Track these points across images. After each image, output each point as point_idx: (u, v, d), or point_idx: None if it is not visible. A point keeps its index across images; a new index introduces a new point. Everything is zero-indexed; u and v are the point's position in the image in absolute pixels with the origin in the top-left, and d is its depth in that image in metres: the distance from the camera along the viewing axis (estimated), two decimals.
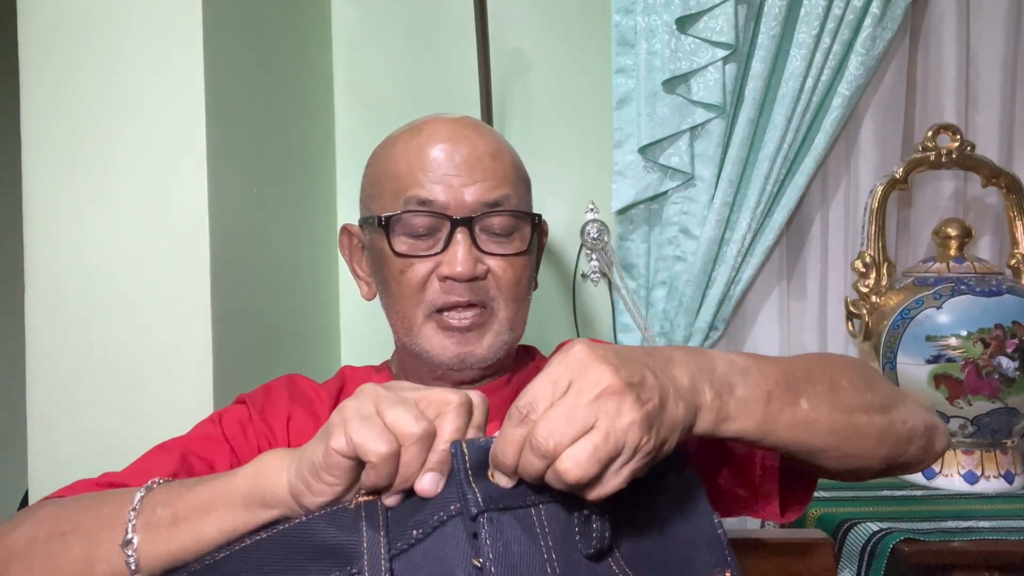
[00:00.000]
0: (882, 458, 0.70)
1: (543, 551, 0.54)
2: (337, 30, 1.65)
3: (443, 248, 0.83)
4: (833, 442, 0.66)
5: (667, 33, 1.47)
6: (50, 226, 1.11)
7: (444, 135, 0.85)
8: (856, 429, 0.67)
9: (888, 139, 1.59)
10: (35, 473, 1.13)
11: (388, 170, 0.87)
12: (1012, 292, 1.34)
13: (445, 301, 0.83)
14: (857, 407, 0.68)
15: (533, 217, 0.87)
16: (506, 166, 0.86)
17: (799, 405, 0.63)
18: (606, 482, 0.52)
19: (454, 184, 0.83)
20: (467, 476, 0.54)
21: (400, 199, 0.84)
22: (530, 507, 0.55)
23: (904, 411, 0.72)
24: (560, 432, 0.51)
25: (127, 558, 0.59)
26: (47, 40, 1.11)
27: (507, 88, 1.62)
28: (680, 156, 1.50)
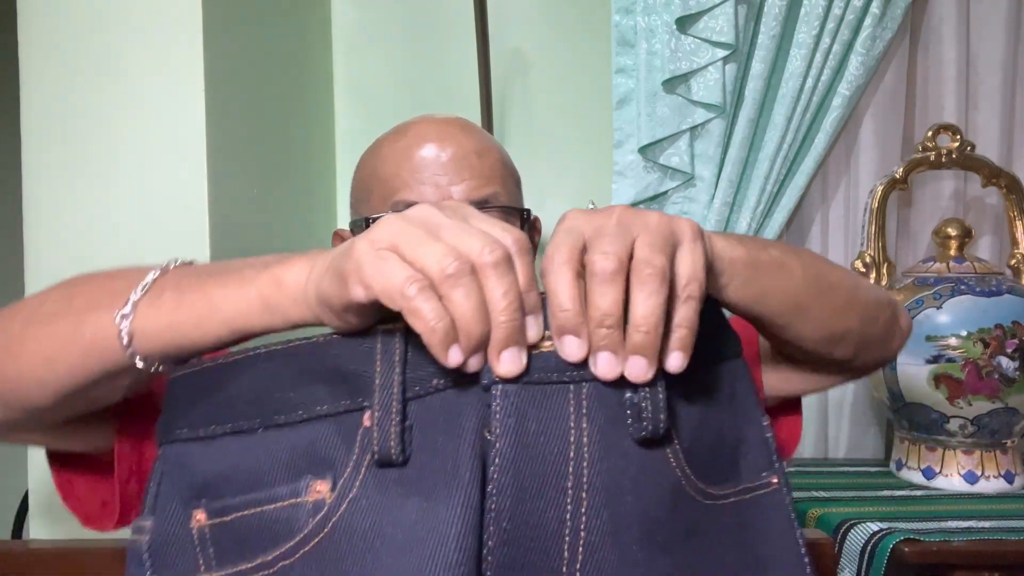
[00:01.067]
0: (858, 319, 0.68)
1: (572, 432, 0.46)
2: (337, 30, 1.65)
3: None
4: (810, 290, 0.63)
5: (667, 33, 1.47)
6: (50, 226, 1.11)
7: (429, 135, 0.85)
8: (828, 280, 0.65)
9: (888, 139, 1.59)
10: (35, 473, 1.13)
11: (375, 173, 0.86)
12: (1012, 292, 1.34)
13: None
14: (821, 266, 0.67)
15: (523, 212, 0.86)
16: (493, 163, 0.86)
17: (770, 252, 0.61)
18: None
19: (441, 184, 0.83)
20: None
21: (388, 202, 0.84)
22: (568, 384, 0.46)
23: (865, 283, 0.74)
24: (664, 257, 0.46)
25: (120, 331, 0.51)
26: (47, 40, 1.11)
27: (507, 88, 1.62)
28: (680, 156, 1.50)
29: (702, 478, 0.51)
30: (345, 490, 0.47)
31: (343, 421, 0.49)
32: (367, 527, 0.47)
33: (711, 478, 0.52)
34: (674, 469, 0.49)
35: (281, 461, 0.49)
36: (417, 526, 0.45)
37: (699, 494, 0.51)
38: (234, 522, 0.49)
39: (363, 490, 0.47)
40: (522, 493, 0.45)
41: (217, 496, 0.49)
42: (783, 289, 0.61)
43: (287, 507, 0.48)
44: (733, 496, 0.53)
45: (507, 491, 0.45)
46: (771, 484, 0.55)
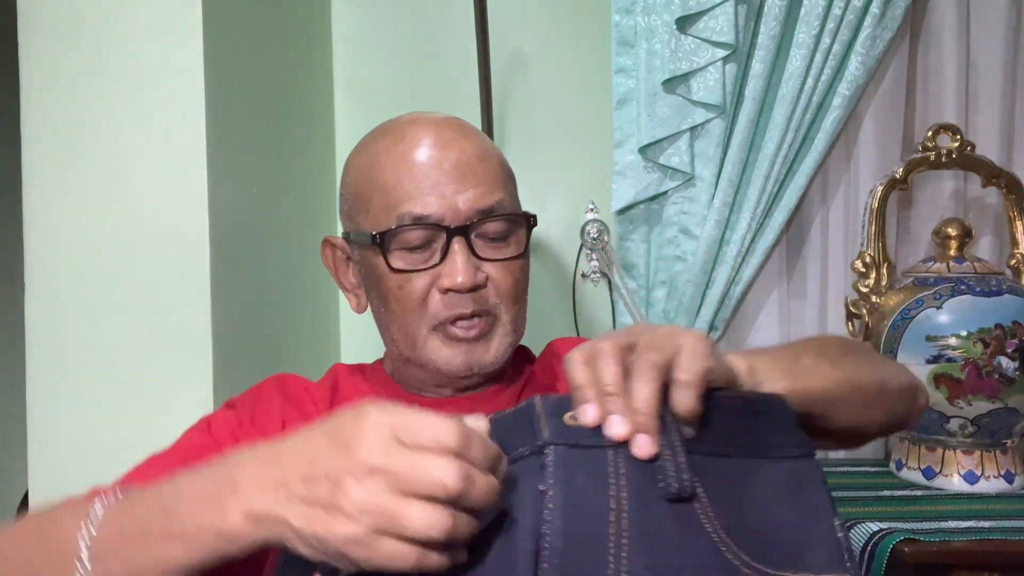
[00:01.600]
0: (882, 411, 0.75)
1: (611, 489, 0.53)
2: (337, 30, 1.65)
3: (440, 259, 0.81)
4: (843, 393, 0.69)
5: (667, 33, 1.47)
6: (50, 226, 1.11)
7: (429, 140, 0.83)
8: (857, 381, 0.71)
9: (888, 139, 1.59)
10: (35, 473, 1.13)
11: (374, 182, 0.84)
12: (1012, 292, 1.34)
13: (449, 314, 0.81)
14: (850, 364, 0.73)
15: (528, 218, 0.86)
16: (495, 167, 0.85)
17: (801, 361, 0.68)
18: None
19: (447, 193, 0.81)
20: (539, 417, 0.56)
21: (392, 215, 0.81)
22: (607, 449, 0.54)
23: (888, 370, 0.79)
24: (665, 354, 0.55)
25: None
26: (47, 40, 1.11)
27: (507, 88, 1.62)
28: (680, 156, 1.50)
29: (746, 551, 0.55)
30: None
31: None
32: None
33: (759, 556, 0.55)
34: (709, 533, 0.54)
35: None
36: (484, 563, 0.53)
37: (743, 564, 0.54)
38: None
39: None
40: (570, 537, 0.52)
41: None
42: (816, 392, 0.66)
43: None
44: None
45: (558, 533, 0.52)
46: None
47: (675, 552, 0.53)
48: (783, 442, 0.59)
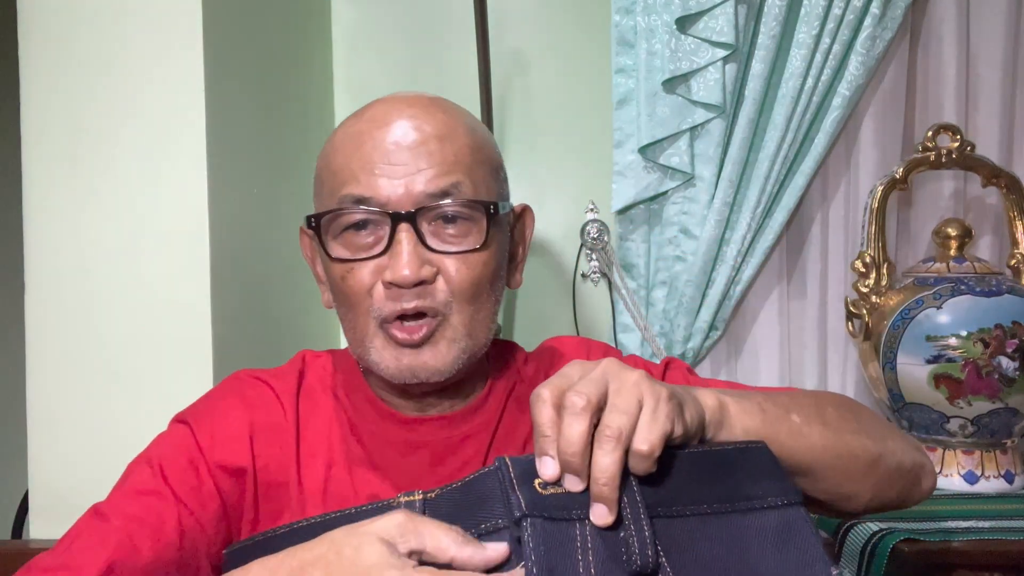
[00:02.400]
0: (871, 486, 0.71)
1: (580, 563, 0.53)
2: (337, 30, 1.65)
3: (385, 248, 0.73)
4: (827, 459, 0.67)
5: (667, 33, 1.47)
6: (50, 226, 1.11)
7: (386, 118, 0.74)
8: (848, 450, 0.69)
9: (888, 139, 1.59)
10: (35, 473, 1.13)
11: (327, 164, 0.77)
12: (1012, 292, 1.34)
13: (391, 310, 0.73)
14: (847, 430, 0.70)
15: (488, 207, 0.74)
16: (458, 148, 0.74)
17: (791, 419, 0.65)
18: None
19: (395, 175, 0.72)
20: (512, 483, 0.55)
21: (335, 197, 0.74)
22: (574, 521, 0.54)
23: (893, 445, 0.74)
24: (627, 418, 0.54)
25: None
26: (47, 39, 1.11)
27: (507, 88, 1.62)
28: (680, 156, 1.50)
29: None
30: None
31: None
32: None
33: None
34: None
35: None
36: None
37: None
38: None
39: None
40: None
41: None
42: (792, 455, 0.64)
43: None
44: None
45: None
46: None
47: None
48: (767, 491, 0.58)
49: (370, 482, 0.76)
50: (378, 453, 0.78)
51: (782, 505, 0.58)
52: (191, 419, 0.78)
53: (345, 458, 0.77)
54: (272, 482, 0.76)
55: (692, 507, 0.56)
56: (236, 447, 0.76)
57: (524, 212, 0.85)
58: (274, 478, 0.76)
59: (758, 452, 0.60)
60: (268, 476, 0.76)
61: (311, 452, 0.77)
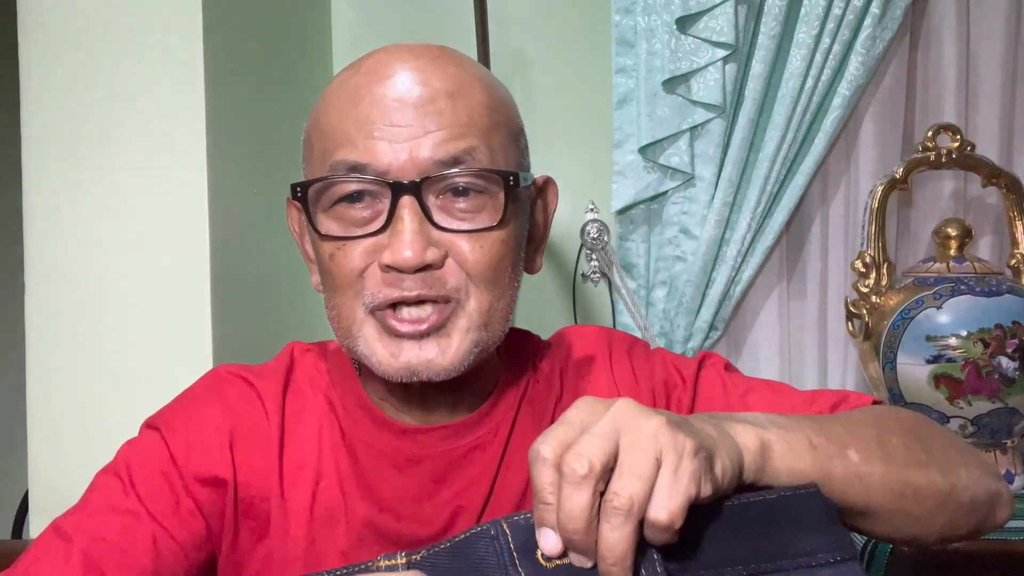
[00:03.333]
0: (940, 525, 0.61)
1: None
2: (337, 30, 1.65)
3: (384, 225, 0.61)
4: (889, 501, 0.58)
5: (667, 33, 1.47)
6: (50, 226, 1.11)
7: (387, 70, 0.63)
8: (914, 489, 0.59)
9: (888, 139, 1.59)
10: (35, 473, 1.13)
11: (317, 123, 0.65)
12: (1012, 292, 1.34)
13: (386, 297, 0.62)
14: (913, 464, 0.59)
15: (508, 177, 0.63)
16: (473, 107, 0.63)
17: (847, 456, 0.56)
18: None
19: (398, 138, 0.61)
20: (512, 558, 0.48)
21: (326, 163, 0.63)
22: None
23: (966, 476, 0.63)
24: (641, 483, 0.44)
25: None
26: (47, 40, 1.11)
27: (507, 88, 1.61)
28: (680, 156, 1.50)
29: None
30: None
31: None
32: None
33: None
34: None
35: None
36: None
37: None
38: None
39: None
40: None
41: None
42: (848, 500, 0.55)
43: None
44: None
45: None
46: None
47: None
48: (818, 546, 0.50)
49: (363, 502, 0.68)
50: (372, 467, 0.68)
51: (835, 562, 0.50)
52: (163, 425, 0.68)
53: (335, 471, 0.68)
54: (254, 495, 0.67)
55: (726, 569, 0.49)
56: (214, 457, 0.66)
57: (547, 185, 0.74)
58: (256, 491, 0.67)
59: (807, 498, 0.51)
60: (250, 489, 0.67)
61: (296, 463, 0.68)
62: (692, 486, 0.45)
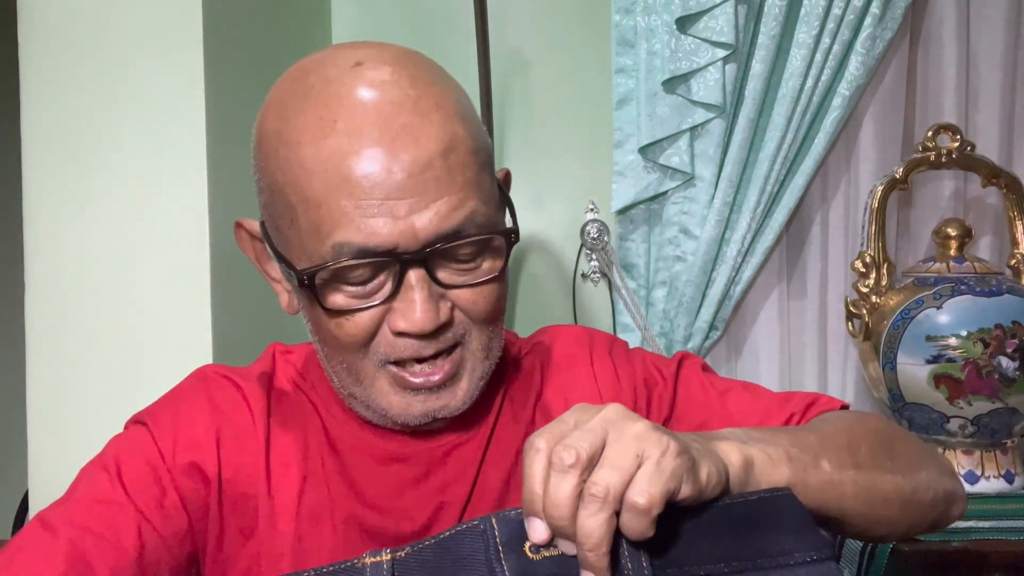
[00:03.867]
0: (906, 524, 0.68)
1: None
2: (337, 30, 1.65)
3: (392, 292, 0.62)
4: (860, 507, 0.62)
5: (667, 33, 1.47)
6: (50, 226, 1.11)
7: (371, 130, 0.59)
8: (882, 495, 0.64)
9: (888, 139, 1.59)
10: (35, 473, 1.13)
11: (296, 186, 0.61)
12: (1012, 292, 1.34)
13: (400, 356, 0.63)
14: (880, 471, 0.64)
15: (509, 234, 0.64)
16: (464, 161, 0.61)
17: (821, 466, 0.59)
18: None
19: (399, 214, 0.59)
20: (497, 552, 0.49)
21: (326, 242, 0.60)
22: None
23: (927, 477, 0.68)
24: (619, 474, 0.46)
25: None
26: (47, 40, 1.11)
27: (507, 88, 1.62)
28: (680, 156, 1.50)
29: None
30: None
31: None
32: None
33: None
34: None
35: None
36: None
37: None
38: None
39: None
40: None
41: None
42: (821, 507, 0.59)
43: None
44: None
45: None
46: None
47: None
48: (795, 545, 0.52)
49: (348, 498, 0.69)
50: (356, 465, 0.70)
51: (812, 561, 0.52)
52: (151, 421, 0.69)
53: (321, 470, 0.69)
54: (240, 493, 0.68)
55: (709, 566, 0.51)
56: (201, 455, 0.67)
57: (506, 178, 0.74)
58: (243, 489, 0.68)
59: (784, 501, 0.53)
60: (236, 487, 0.68)
61: (283, 461, 0.69)
62: (673, 480, 0.47)
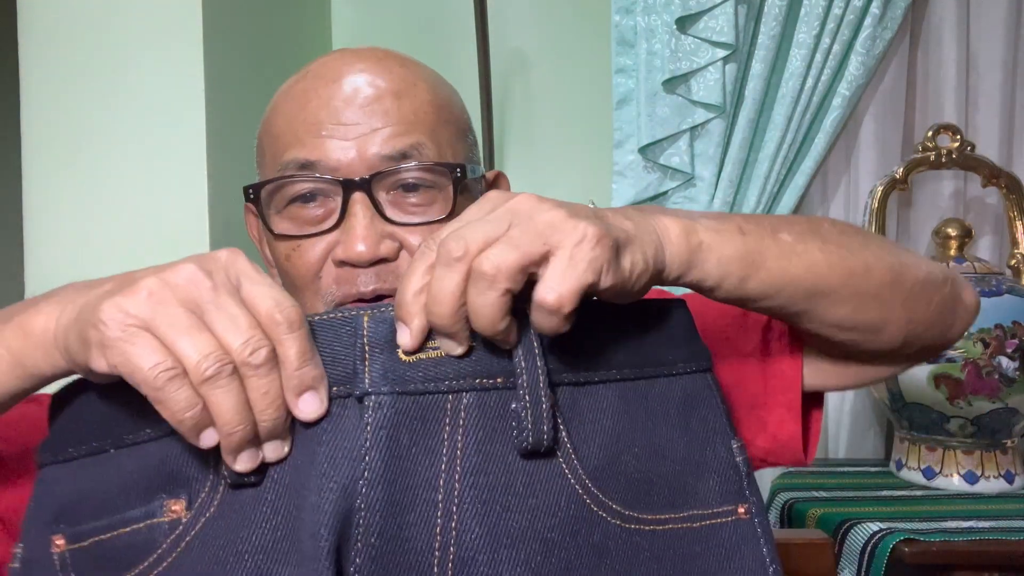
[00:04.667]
0: (901, 305, 0.58)
1: (445, 444, 0.45)
2: (337, 30, 1.65)
3: (337, 222, 0.63)
4: (838, 277, 0.54)
5: (667, 33, 1.47)
6: (50, 226, 1.11)
7: (333, 74, 0.65)
8: (860, 261, 0.56)
9: (888, 139, 1.59)
10: None
11: (268, 128, 0.67)
12: (1012, 292, 1.34)
13: (344, 294, 0.63)
14: (852, 244, 0.57)
15: (455, 169, 0.63)
16: (419, 105, 0.64)
17: (780, 238, 0.53)
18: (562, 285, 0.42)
19: (347, 136, 0.62)
20: (362, 351, 0.45)
21: (277, 163, 0.64)
22: (446, 394, 0.45)
23: (912, 258, 0.60)
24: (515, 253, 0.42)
25: None
26: (47, 40, 1.11)
27: (507, 88, 1.62)
28: (680, 156, 1.50)
29: (621, 499, 0.48)
30: (202, 509, 0.46)
31: None
32: (221, 545, 0.45)
33: (638, 501, 0.49)
34: (573, 486, 0.47)
35: (132, 482, 0.47)
36: (276, 545, 0.44)
37: (613, 516, 0.48)
38: (91, 547, 0.47)
39: (221, 509, 0.45)
40: (392, 508, 0.44)
41: (74, 521, 0.47)
42: (788, 277, 0.53)
43: (143, 528, 0.46)
44: (672, 523, 0.49)
45: (375, 506, 0.43)
46: (736, 514, 0.50)
47: (521, 515, 0.45)
48: (676, 357, 0.51)
49: None
50: None
51: (692, 372, 0.51)
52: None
53: None
54: None
55: (602, 373, 0.49)
56: None
57: (497, 179, 0.74)
58: None
59: (677, 311, 0.52)
60: None
61: None
62: (589, 273, 0.43)
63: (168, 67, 1.09)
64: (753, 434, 0.66)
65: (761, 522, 0.51)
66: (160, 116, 1.10)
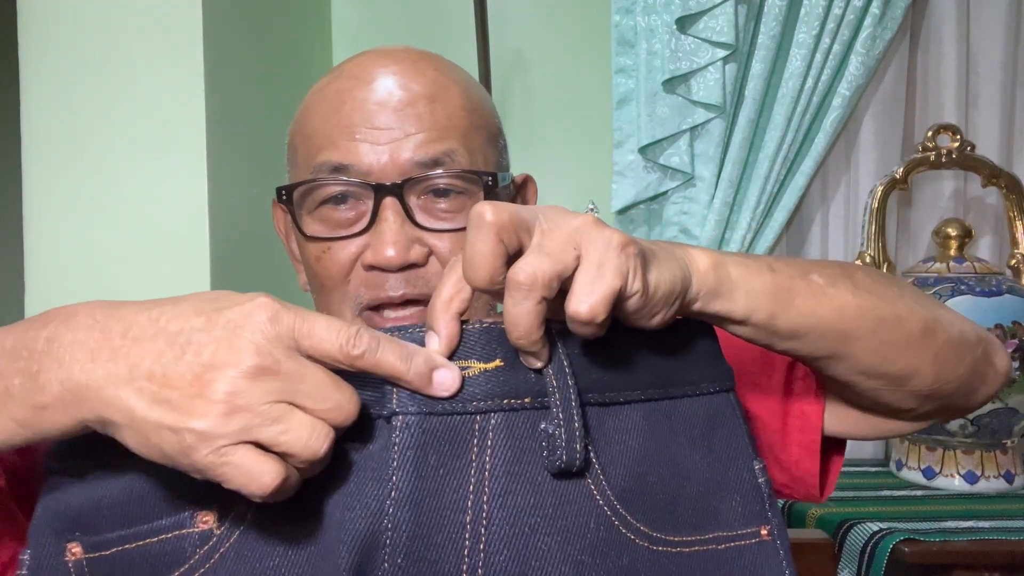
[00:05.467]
0: (932, 360, 0.56)
1: (473, 465, 0.45)
2: (337, 30, 1.65)
3: (368, 226, 0.63)
4: (866, 323, 0.53)
5: (667, 33, 1.47)
6: (50, 226, 1.11)
7: (368, 76, 0.64)
8: (892, 310, 0.54)
9: (888, 139, 1.59)
10: None
11: (300, 128, 0.67)
12: (1012, 292, 1.34)
13: (373, 297, 0.63)
14: (884, 294, 0.55)
15: (487, 178, 0.64)
16: (452, 110, 0.64)
17: (810, 279, 0.52)
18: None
19: (380, 141, 0.62)
20: None
21: (310, 165, 0.65)
22: (474, 415, 0.45)
23: (947, 314, 0.58)
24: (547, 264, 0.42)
25: None
26: (47, 40, 1.11)
27: (507, 88, 1.62)
28: (680, 156, 1.50)
29: (648, 521, 0.48)
30: (237, 521, 0.45)
31: None
32: (256, 558, 0.45)
33: (664, 522, 0.49)
34: (602, 507, 0.47)
35: (152, 492, 0.46)
36: (309, 562, 0.44)
37: (642, 538, 0.48)
38: (114, 556, 0.46)
39: (256, 522, 0.45)
40: (420, 528, 0.44)
41: (93, 530, 0.46)
42: (816, 319, 0.52)
43: (172, 539, 0.45)
44: (699, 545, 0.49)
45: (402, 526, 0.44)
46: (759, 536, 0.51)
47: (551, 537, 0.45)
48: (700, 377, 0.51)
49: None
50: None
51: (714, 392, 0.51)
52: None
53: None
54: None
55: (627, 393, 0.49)
56: None
57: (526, 183, 0.75)
58: None
59: (701, 331, 0.51)
60: None
61: None
62: (617, 279, 0.42)
63: (168, 67, 1.09)
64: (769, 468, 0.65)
65: (783, 544, 0.51)
66: (160, 116, 1.10)
